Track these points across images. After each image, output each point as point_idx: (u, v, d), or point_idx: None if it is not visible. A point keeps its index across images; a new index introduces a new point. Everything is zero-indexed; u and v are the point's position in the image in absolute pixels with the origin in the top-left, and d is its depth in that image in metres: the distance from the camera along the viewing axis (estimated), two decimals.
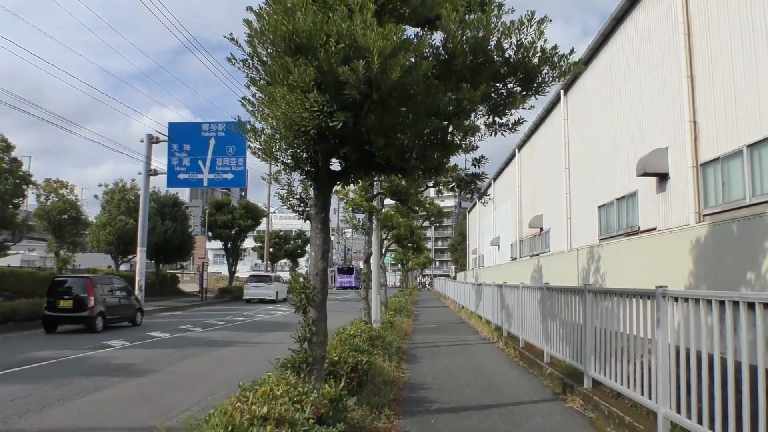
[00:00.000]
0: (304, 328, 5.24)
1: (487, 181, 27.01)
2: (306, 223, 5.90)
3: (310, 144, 4.64)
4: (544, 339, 7.90)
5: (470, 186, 4.73)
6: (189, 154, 23.41)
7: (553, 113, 22.39)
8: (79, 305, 14.84)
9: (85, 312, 14.79)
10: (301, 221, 20.58)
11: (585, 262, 12.84)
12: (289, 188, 5.58)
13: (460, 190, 4.79)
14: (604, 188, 16.46)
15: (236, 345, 12.33)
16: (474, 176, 4.71)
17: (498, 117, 4.42)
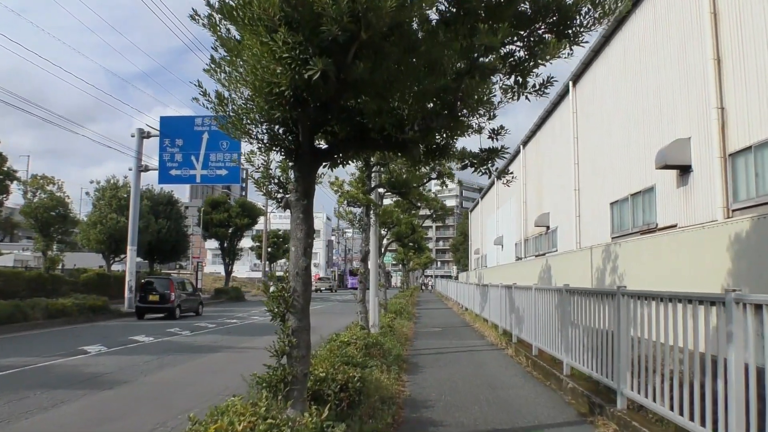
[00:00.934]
0: (281, 339, 4.32)
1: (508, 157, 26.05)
2: None
3: (287, 111, 3.72)
4: (563, 348, 6.96)
5: (486, 164, 3.76)
6: (181, 150, 22.49)
7: (561, 107, 21.45)
8: (164, 299, 19.76)
9: (168, 304, 19.72)
10: None
11: (600, 262, 11.89)
12: (266, 170, 4.65)
13: (475, 168, 3.80)
14: (616, 184, 15.52)
15: (222, 351, 11.41)
16: (491, 152, 3.76)
17: (522, 76, 3.48)
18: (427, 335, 13.34)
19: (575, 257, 14.43)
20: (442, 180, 9.18)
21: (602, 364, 5.61)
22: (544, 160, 24.46)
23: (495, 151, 3.76)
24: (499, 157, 3.83)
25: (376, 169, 9.75)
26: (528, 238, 27.49)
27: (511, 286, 10.87)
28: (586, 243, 17.95)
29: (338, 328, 12.86)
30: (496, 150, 3.75)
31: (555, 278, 15.89)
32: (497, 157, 3.82)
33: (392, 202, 13.24)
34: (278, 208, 4.62)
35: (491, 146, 3.80)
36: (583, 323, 6.31)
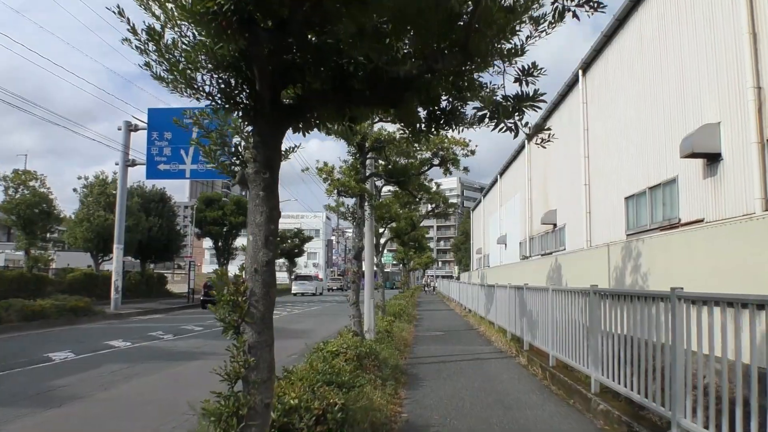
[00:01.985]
0: (235, 358, 3.25)
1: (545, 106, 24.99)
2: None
3: (232, 39, 2.65)
4: (590, 360, 5.87)
5: (514, 116, 2.66)
6: (170, 143, 21.41)
7: (569, 97, 20.36)
8: None
9: None
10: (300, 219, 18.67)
11: (619, 260, 10.80)
12: (220, 136, 3.60)
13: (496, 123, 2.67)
14: (632, 177, 14.43)
15: (202, 357, 10.34)
16: (520, 100, 2.65)
17: None
18: (429, 340, 12.26)
19: (589, 256, 13.33)
20: (445, 167, 8.12)
21: (647, 383, 4.53)
22: (550, 155, 23.36)
23: (527, 98, 2.66)
24: (531, 107, 2.73)
25: (372, 155, 8.67)
26: (533, 237, 26.40)
27: (522, 287, 9.79)
28: (597, 241, 16.86)
29: (332, 332, 11.81)
30: (529, 97, 2.65)
31: (566, 278, 14.79)
32: (530, 107, 2.72)
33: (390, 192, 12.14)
34: (234, 185, 3.55)
35: (519, 92, 2.70)
36: (618, 332, 5.22)
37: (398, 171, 8.50)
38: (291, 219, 77.97)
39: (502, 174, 35.55)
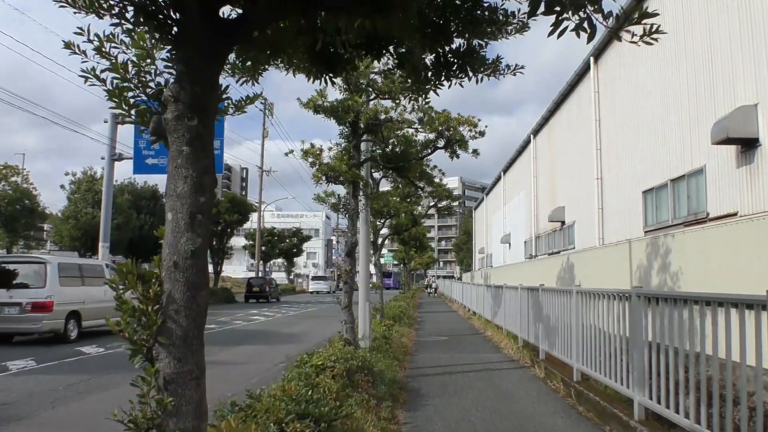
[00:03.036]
0: (145, 396, 2.16)
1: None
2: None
3: None
4: (632, 380, 4.78)
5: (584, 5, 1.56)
6: None
7: (579, 88, 19.26)
8: (262, 290, 33.20)
9: (266, 294, 33.16)
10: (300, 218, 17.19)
11: (643, 258, 9.71)
12: (137, 69, 2.50)
13: (557, 18, 1.57)
14: (651, 169, 13.34)
15: None
16: None
17: None
18: (431, 346, 11.18)
19: (606, 254, 12.24)
20: (451, 149, 7.03)
21: (723, 419, 3.44)
22: (558, 149, 22.28)
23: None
24: None
25: (367, 138, 7.59)
26: (539, 235, 25.30)
27: (537, 289, 8.70)
28: (610, 239, 15.77)
29: (326, 336, 10.73)
30: None
31: (579, 278, 13.70)
32: None
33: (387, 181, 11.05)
34: (149, 137, 2.47)
35: None
36: (686, 349, 4.12)
37: (397, 156, 7.41)
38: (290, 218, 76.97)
39: (506, 171, 34.45)
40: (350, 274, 7.31)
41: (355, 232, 7.39)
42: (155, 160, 20.35)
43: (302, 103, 7.12)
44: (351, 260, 7.41)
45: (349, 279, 7.32)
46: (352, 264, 7.40)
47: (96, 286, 13.31)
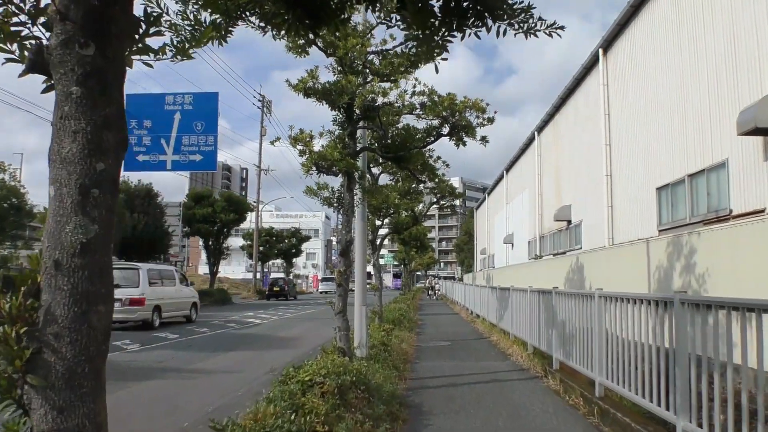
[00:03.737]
0: None
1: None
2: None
3: None
4: (676, 401, 4.04)
5: None
6: (150, 132, 19.57)
7: (587, 81, 18.54)
8: (282, 289, 36.92)
9: (285, 292, 36.86)
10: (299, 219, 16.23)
11: (663, 258, 8.98)
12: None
13: None
14: (666, 164, 12.61)
15: (159, 377, 8.53)
16: None
17: None
18: (434, 353, 10.44)
19: (620, 253, 11.51)
20: (457, 136, 6.29)
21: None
22: (564, 146, 21.55)
23: None
24: None
25: (363, 125, 6.86)
26: (544, 235, 24.58)
27: (550, 292, 7.96)
28: (621, 238, 15.05)
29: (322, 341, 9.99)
30: None
31: (590, 280, 12.97)
32: None
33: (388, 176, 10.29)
34: (23, 74, 1.71)
35: None
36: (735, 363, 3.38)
37: (396, 144, 6.68)
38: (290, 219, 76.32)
39: (509, 170, 33.72)
40: (344, 275, 6.57)
41: (350, 229, 6.66)
42: (147, 157, 19.60)
43: (291, 84, 6.39)
44: (345, 260, 6.67)
45: (343, 281, 6.59)
46: (347, 264, 6.66)
47: (170, 286, 17.76)
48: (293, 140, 6.04)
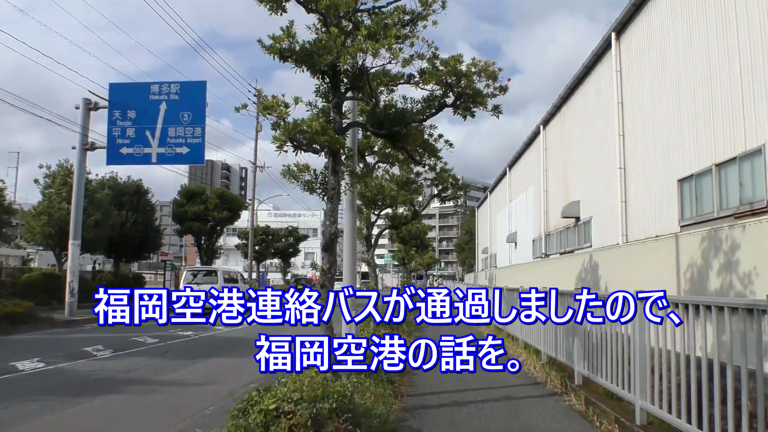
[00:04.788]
0: None
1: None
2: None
3: None
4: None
5: None
6: (134, 123, 18.52)
7: (597, 69, 17.44)
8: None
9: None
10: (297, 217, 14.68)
11: (697, 255, 7.89)
12: None
13: None
14: (689, 153, 11.52)
15: (122, 390, 7.45)
16: None
17: None
18: None
19: (644, 251, 10.41)
20: (464, 107, 5.20)
21: None
22: (572, 139, 20.45)
23: None
24: None
25: (352, 95, 5.76)
26: (550, 233, 23.48)
27: (572, 295, 6.85)
28: (636, 235, 13.96)
29: None
30: None
31: (605, 280, 11.87)
32: None
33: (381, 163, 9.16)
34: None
35: None
36: None
37: (391, 118, 5.58)
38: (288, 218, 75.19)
39: (512, 166, 32.61)
40: (328, 275, 5.47)
41: (335, 219, 5.56)
42: (130, 150, 18.57)
43: (264, 46, 5.30)
44: (330, 256, 5.56)
45: (326, 281, 5.49)
46: (331, 261, 5.56)
47: (236, 284, 23.10)
48: (264, 109, 4.95)
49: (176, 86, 18.55)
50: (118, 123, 18.63)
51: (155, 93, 18.55)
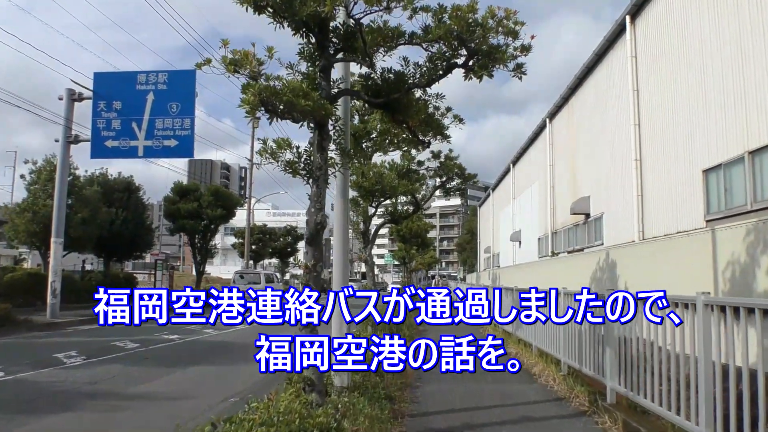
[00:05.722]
0: None
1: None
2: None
3: None
4: None
5: None
6: (120, 115, 17.52)
7: (609, 56, 16.46)
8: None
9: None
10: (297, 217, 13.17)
11: (740, 251, 6.90)
12: None
13: None
14: (717, 140, 10.54)
15: (80, 407, 6.50)
16: None
17: None
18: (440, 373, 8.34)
19: (670, 247, 9.41)
20: (480, 65, 4.24)
21: None
22: (581, 131, 19.46)
23: None
24: None
25: (342, 57, 4.78)
26: (557, 231, 22.49)
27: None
28: (654, 231, 12.98)
29: None
30: None
31: (624, 280, 10.86)
32: None
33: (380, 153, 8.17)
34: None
35: None
36: None
37: (389, 83, 4.61)
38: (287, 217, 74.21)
39: (516, 162, 31.63)
40: (312, 273, 4.49)
41: (321, 206, 4.59)
42: (116, 143, 17.56)
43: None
44: (315, 250, 4.59)
45: (311, 280, 4.51)
46: (317, 257, 4.58)
47: (272, 283, 26.64)
48: (230, 64, 3.97)
49: (164, 75, 17.56)
50: (103, 114, 17.63)
51: (142, 83, 17.56)
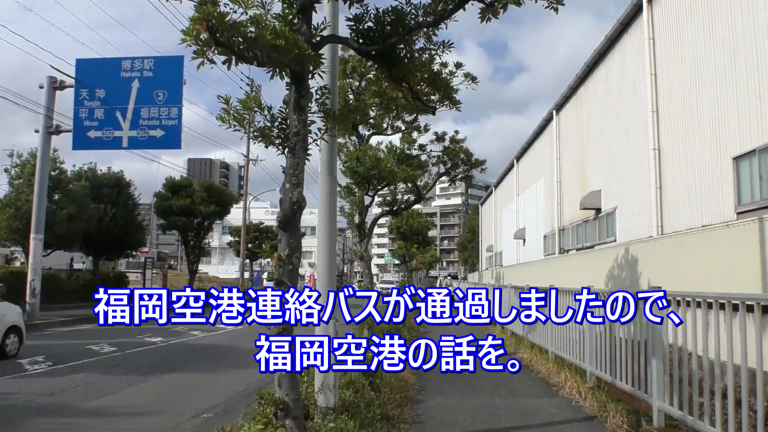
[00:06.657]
0: None
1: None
2: None
3: None
4: None
5: None
6: (103, 103, 16.54)
7: (623, 40, 15.46)
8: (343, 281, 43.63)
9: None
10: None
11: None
12: None
13: None
14: (750, 124, 9.55)
15: (25, 426, 5.51)
16: None
17: None
18: (444, 381, 7.33)
19: (700, 242, 8.43)
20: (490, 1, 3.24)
21: None
22: (591, 122, 18.45)
23: None
24: None
25: None
26: (565, 228, 21.49)
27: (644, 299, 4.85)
28: (674, 226, 11.99)
29: None
30: None
31: (647, 278, 9.86)
32: None
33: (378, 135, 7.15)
34: None
35: None
36: None
37: (384, 28, 3.62)
38: None
39: (520, 158, 30.61)
40: (287, 265, 3.50)
41: (299, 182, 3.60)
42: (99, 133, 16.57)
43: None
44: (290, 237, 3.59)
45: (285, 275, 3.52)
46: (293, 245, 3.59)
47: None
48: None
49: (150, 62, 16.56)
50: (86, 103, 16.65)
51: (127, 69, 16.57)
